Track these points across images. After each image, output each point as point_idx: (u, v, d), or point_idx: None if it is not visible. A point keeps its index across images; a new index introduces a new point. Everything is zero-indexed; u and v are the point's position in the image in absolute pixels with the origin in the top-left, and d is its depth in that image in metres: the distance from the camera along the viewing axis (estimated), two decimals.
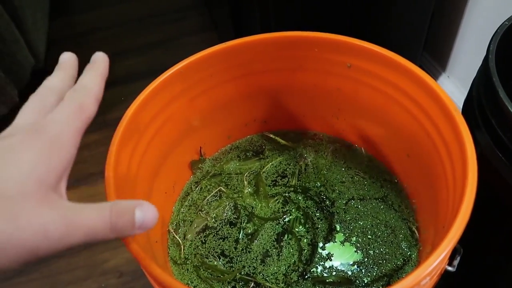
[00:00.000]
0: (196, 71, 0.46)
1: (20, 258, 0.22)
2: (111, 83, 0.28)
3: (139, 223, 0.25)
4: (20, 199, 0.22)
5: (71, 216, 0.23)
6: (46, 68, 1.14)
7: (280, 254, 0.45)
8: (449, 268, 0.34)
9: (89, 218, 0.24)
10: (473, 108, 0.43)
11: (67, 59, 0.31)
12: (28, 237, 0.22)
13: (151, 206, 0.26)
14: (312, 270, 0.44)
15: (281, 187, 0.51)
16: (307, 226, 0.47)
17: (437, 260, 0.28)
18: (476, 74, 0.46)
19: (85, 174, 0.91)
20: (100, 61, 0.31)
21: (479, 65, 0.46)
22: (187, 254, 0.46)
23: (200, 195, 0.52)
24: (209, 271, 0.45)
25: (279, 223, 0.48)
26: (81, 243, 0.24)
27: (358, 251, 0.45)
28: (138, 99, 0.42)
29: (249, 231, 0.47)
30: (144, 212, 0.26)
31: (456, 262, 0.35)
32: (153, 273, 0.30)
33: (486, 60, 0.42)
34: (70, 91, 0.28)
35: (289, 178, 0.52)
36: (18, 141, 0.24)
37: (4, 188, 0.22)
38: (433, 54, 0.97)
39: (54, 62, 0.31)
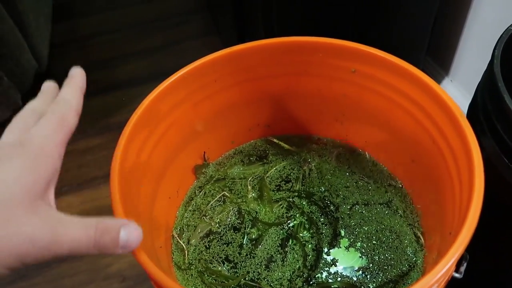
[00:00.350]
0: (200, 76, 0.46)
1: (6, 264, 0.23)
2: (113, 87, 0.29)
3: (122, 243, 0.26)
4: (9, 205, 0.23)
5: (58, 228, 0.24)
6: (49, 71, 1.14)
7: (285, 259, 0.45)
8: (456, 275, 0.34)
9: (75, 232, 0.25)
10: (477, 113, 0.43)
11: (47, 87, 0.33)
12: (16, 244, 0.23)
13: (137, 227, 0.27)
14: (317, 275, 0.44)
15: (285, 192, 0.51)
16: (311, 231, 0.47)
17: (446, 267, 0.28)
18: (481, 79, 0.46)
19: (88, 178, 0.91)
20: (77, 76, 0.32)
21: (482, 69, 0.46)
22: (191, 260, 0.46)
23: (204, 200, 0.51)
24: (213, 276, 0.44)
25: (283, 228, 0.48)
26: (66, 255, 0.25)
27: (363, 256, 0.45)
28: (143, 105, 0.42)
29: (253, 236, 0.47)
30: (129, 233, 0.26)
31: (463, 269, 0.35)
32: (158, 279, 0.30)
33: (491, 65, 0.41)
34: (52, 104, 0.30)
35: (293, 183, 0.52)
36: (4, 154, 0.25)
37: None
38: (436, 58, 0.97)
39: (57, 65, 0.32)
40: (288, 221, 0.48)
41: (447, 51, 0.92)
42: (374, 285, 0.42)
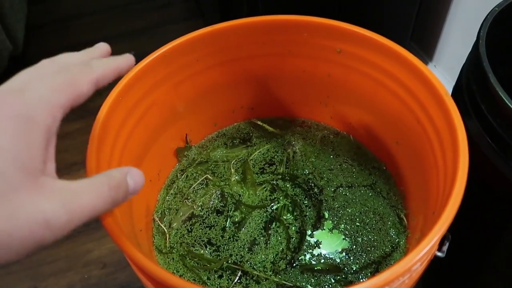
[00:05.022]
0: (181, 55, 0.45)
1: (25, 251, 0.21)
2: None
3: (131, 190, 0.26)
4: (11, 193, 0.20)
5: (71, 202, 0.22)
6: (25, 54, 1.10)
7: (268, 242, 0.45)
8: (439, 254, 0.34)
9: (89, 200, 0.23)
10: (462, 95, 0.43)
11: (101, 46, 0.30)
12: (30, 233, 0.20)
13: (137, 171, 0.27)
14: (300, 258, 0.43)
15: (269, 175, 0.50)
16: (295, 213, 0.47)
17: (428, 246, 0.28)
18: (466, 61, 0.46)
19: (67, 163, 0.89)
20: (126, 58, 0.30)
21: (466, 54, 0.45)
22: (172, 243, 0.45)
23: (186, 183, 0.50)
24: (195, 260, 0.44)
25: (267, 211, 0.47)
26: (83, 223, 0.23)
27: (347, 238, 0.45)
28: (120, 84, 0.40)
29: (236, 219, 0.47)
30: (134, 178, 0.27)
31: (445, 248, 0.35)
32: (138, 262, 0.29)
33: (476, 46, 0.41)
34: (73, 63, 0.26)
35: (277, 165, 0.51)
36: None
37: None
38: (420, 44, 0.97)
39: (34, 48, 0.30)
40: (272, 204, 0.48)
41: (431, 37, 0.92)
42: (357, 266, 0.42)
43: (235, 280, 0.42)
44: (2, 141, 0.21)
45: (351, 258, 0.43)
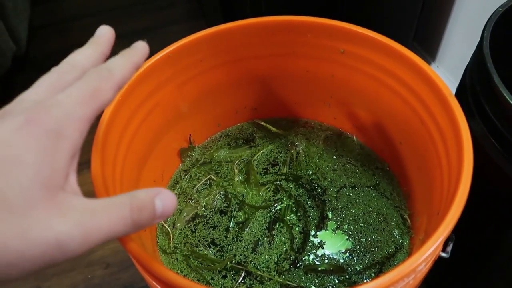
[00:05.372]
0: (184, 55, 0.45)
1: (33, 269, 0.20)
2: None
3: (159, 214, 0.24)
4: (27, 209, 0.20)
5: (88, 222, 0.21)
6: (28, 54, 1.11)
7: (272, 242, 0.45)
8: (443, 254, 0.34)
9: (109, 221, 0.22)
10: (466, 95, 0.43)
11: (103, 33, 0.28)
12: (41, 254, 0.20)
13: (170, 193, 0.24)
14: (304, 258, 0.43)
15: (272, 175, 0.51)
16: (298, 214, 0.47)
17: (433, 247, 0.28)
18: (469, 61, 0.46)
19: None
20: (139, 49, 0.28)
21: (468, 55, 0.45)
22: (176, 243, 0.45)
23: (190, 183, 0.50)
24: (199, 260, 0.44)
25: (270, 211, 0.47)
26: (99, 244, 0.22)
27: (350, 239, 0.45)
28: (125, 85, 0.40)
29: (240, 220, 0.47)
30: (164, 201, 0.24)
31: (449, 249, 0.35)
32: (143, 263, 0.29)
33: (480, 46, 0.41)
34: (91, 70, 0.25)
35: (280, 166, 0.51)
36: (16, 132, 0.21)
37: (8, 198, 0.19)
38: (423, 44, 0.97)
39: (37, 48, 0.29)
40: (275, 204, 0.48)
41: (433, 37, 0.92)
42: (360, 266, 0.42)
43: (239, 280, 0.42)
44: (26, 156, 0.20)
45: (355, 258, 0.43)
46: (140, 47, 0.28)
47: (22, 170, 0.20)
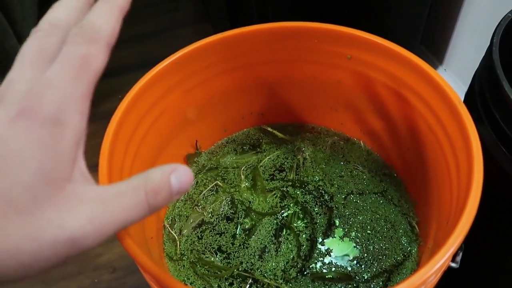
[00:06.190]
0: (192, 62, 0.45)
1: (48, 268, 0.19)
2: (102, 75, 0.24)
3: (175, 191, 0.22)
4: (36, 209, 0.18)
5: (101, 215, 0.20)
6: None
7: (279, 249, 0.44)
8: (453, 265, 0.34)
9: (123, 209, 0.20)
10: (475, 101, 0.43)
11: None
12: (55, 253, 0.19)
13: (186, 169, 0.22)
14: (311, 266, 0.43)
15: (279, 181, 0.50)
16: (305, 221, 0.47)
17: (443, 259, 0.27)
18: (478, 67, 0.45)
19: None
20: None
21: (476, 58, 0.45)
22: (183, 250, 0.45)
23: (196, 189, 0.50)
24: (206, 267, 0.44)
25: (277, 218, 0.47)
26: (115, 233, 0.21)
27: (358, 246, 0.44)
28: (133, 91, 0.40)
29: (246, 226, 0.46)
30: (180, 178, 0.22)
31: (458, 258, 0.34)
32: (149, 270, 0.29)
33: (489, 52, 0.41)
34: (74, 31, 0.22)
35: (287, 172, 0.51)
36: (10, 126, 0.19)
37: (13, 199, 0.18)
38: (430, 47, 0.96)
39: None
40: (282, 211, 0.47)
41: (441, 40, 0.92)
42: (368, 274, 0.42)
43: None
44: (25, 152, 0.19)
45: (362, 266, 0.43)
46: None
47: (22, 167, 0.19)
